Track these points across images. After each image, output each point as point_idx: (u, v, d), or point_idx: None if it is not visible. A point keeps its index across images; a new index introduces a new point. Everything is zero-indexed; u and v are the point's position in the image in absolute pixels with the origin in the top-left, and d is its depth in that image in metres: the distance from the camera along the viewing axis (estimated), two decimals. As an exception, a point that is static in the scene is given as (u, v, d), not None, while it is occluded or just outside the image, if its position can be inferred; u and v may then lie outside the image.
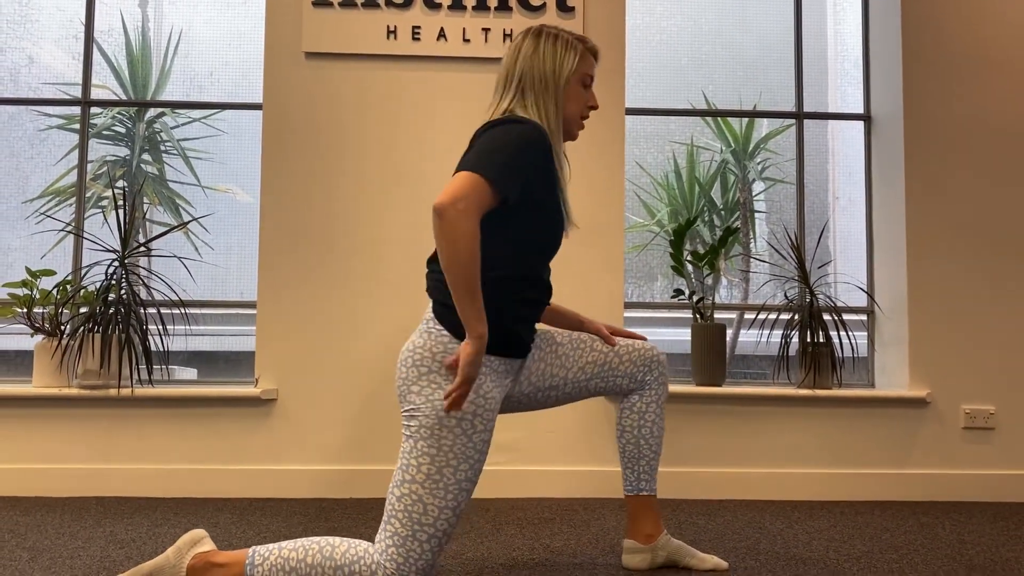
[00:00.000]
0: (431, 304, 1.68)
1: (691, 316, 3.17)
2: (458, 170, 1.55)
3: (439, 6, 3.05)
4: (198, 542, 1.62)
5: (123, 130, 3.58)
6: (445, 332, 1.61)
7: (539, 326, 1.92)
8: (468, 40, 3.06)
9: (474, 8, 3.06)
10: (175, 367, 3.36)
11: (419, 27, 3.04)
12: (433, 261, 1.71)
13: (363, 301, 3.00)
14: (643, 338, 1.97)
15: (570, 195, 1.84)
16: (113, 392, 2.87)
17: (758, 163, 3.67)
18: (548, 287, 1.81)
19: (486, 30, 3.06)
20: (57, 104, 3.46)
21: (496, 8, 3.07)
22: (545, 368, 1.86)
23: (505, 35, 3.06)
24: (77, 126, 3.39)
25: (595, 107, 1.84)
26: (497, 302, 1.61)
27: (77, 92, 3.39)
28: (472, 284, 1.49)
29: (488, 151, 1.58)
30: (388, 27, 3.05)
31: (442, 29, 3.06)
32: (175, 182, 3.56)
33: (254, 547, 1.58)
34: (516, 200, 1.60)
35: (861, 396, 3.05)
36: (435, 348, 1.61)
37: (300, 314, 3.00)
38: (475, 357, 1.50)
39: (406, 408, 1.60)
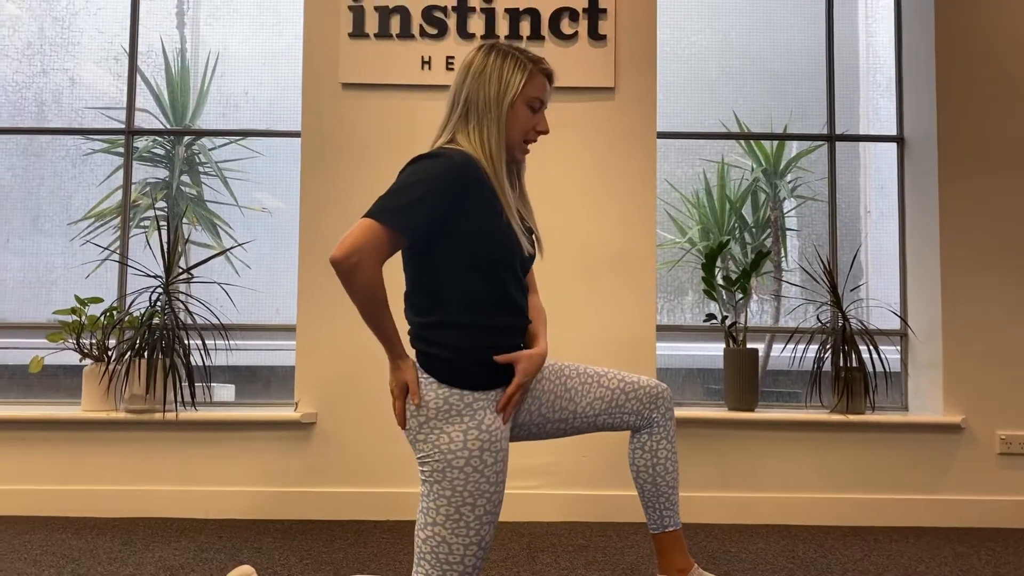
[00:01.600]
0: (415, 352, 1.69)
1: (723, 334, 3.19)
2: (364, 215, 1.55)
3: (472, 36, 3.08)
4: (247, 579, 1.68)
5: (162, 152, 3.66)
6: (432, 379, 1.62)
7: (548, 360, 1.91)
8: (501, 69, 3.07)
9: (507, 38, 3.08)
10: (214, 384, 3.44)
11: (453, 57, 3.07)
12: (407, 310, 1.71)
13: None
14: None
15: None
16: (158, 416, 2.96)
17: (789, 182, 3.67)
18: (520, 311, 1.74)
19: (519, 59, 3.07)
20: (103, 133, 3.54)
21: (528, 37, 3.09)
22: (555, 400, 1.87)
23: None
24: (120, 149, 3.48)
25: (544, 132, 1.75)
26: (461, 341, 1.62)
27: (119, 115, 3.47)
28: (379, 324, 1.57)
29: (392, 193, 1.56)
30: (423, 57, 3.08)
31: (475, 58, 3.08)
32: (212, 202, 3.64)
33: None
34: (428, 237, 1.60)
35: (894, 421, 3.05)
36: (426, 396, 1.63)
37: (339, 339, 3.06)
38: (392, 374, 1.64)
39: (418, 454, 1.63)
